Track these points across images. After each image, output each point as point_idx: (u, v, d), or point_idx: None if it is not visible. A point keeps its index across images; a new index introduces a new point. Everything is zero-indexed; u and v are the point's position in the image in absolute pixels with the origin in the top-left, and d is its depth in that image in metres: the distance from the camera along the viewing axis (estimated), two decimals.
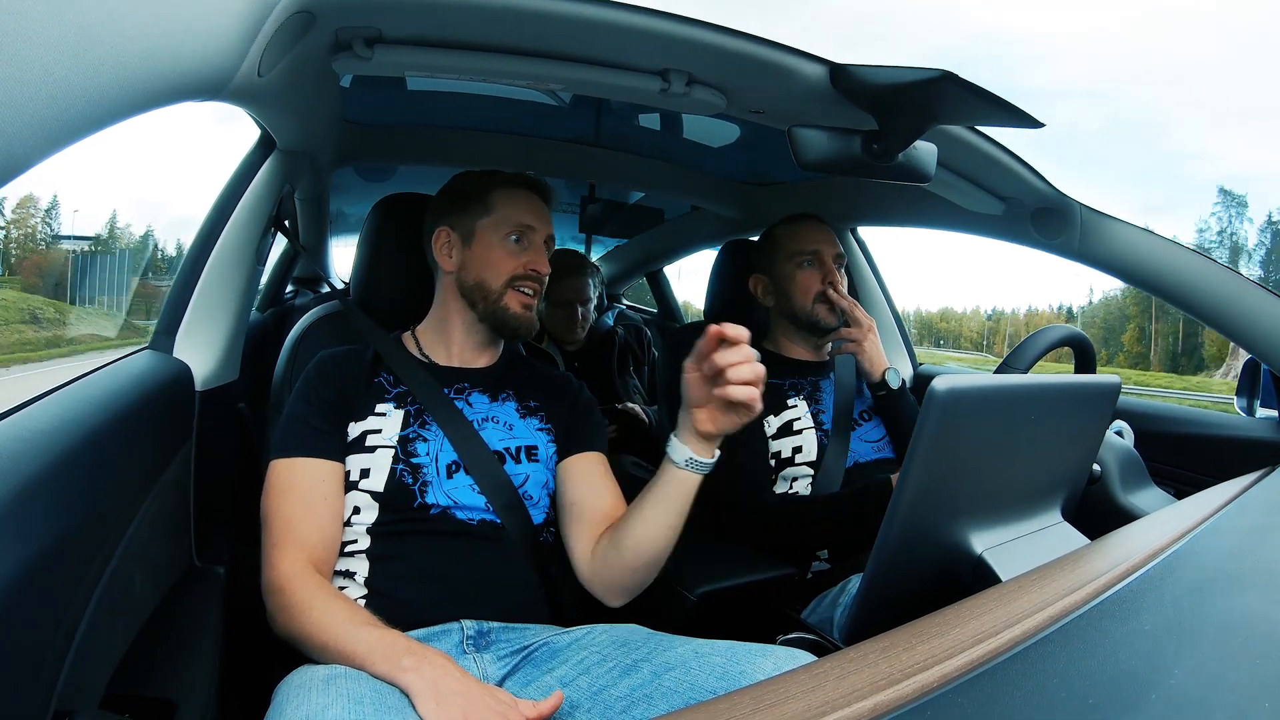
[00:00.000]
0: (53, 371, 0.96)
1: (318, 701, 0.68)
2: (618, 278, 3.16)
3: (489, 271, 1.06)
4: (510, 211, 1.07)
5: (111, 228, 43.35)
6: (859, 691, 0.46)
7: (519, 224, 1.07)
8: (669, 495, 0.93)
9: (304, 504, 0.93)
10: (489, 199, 1.08)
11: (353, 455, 0.99)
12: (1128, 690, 0.47)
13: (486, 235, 1.07)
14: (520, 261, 1.06)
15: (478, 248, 1.07)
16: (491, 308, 1.07)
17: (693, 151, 1.90)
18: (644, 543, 0.94)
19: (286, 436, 0.97)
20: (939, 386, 0.63)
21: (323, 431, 0.98)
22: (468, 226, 1.08)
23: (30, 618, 0.53)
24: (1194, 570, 0.70)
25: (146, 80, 0.48)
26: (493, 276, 1.06)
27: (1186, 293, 1.26)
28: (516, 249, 1.07)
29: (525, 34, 0.88)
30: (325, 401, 1.00)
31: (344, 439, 0.99)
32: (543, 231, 1.09)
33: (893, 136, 0.96)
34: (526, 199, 1.09)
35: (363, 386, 1.03)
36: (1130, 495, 1.22)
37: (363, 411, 1.01)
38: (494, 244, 1.07)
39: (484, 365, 1.12)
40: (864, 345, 1.40)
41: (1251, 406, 1.43)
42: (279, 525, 0.92)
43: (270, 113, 0.98)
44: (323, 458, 0.96)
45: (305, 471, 0.95)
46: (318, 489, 0.95)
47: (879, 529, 0.68)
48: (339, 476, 0.97)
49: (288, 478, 0.95)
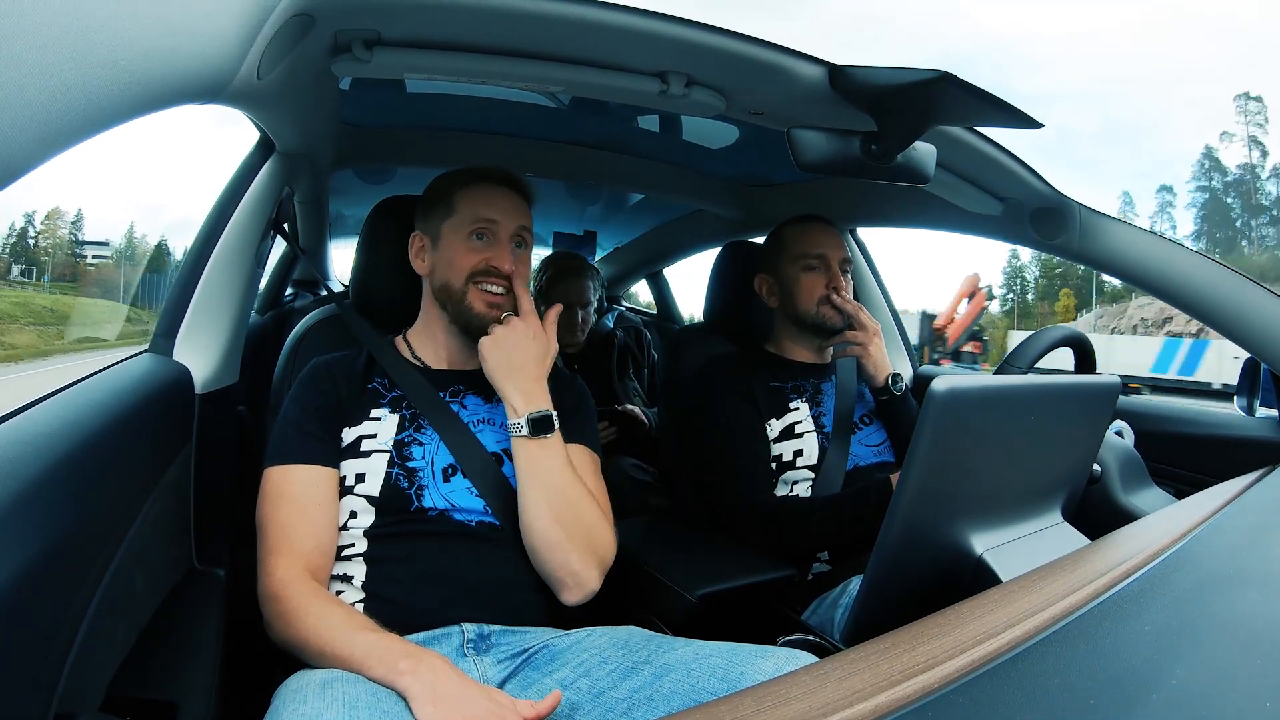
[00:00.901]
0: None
1: (314, 705, 0.68)
2: (618, 280, 3.16)
3: (450, 271, 1.05)
4: (471, 208, 1.06)
5: (130, 237, 44.95)
6: (860, 693, 0.46)
7: (479, 219, 1.05)
8: (519, 467, 0.96)
9: (298, 511, 0.93)
10: (452, 199, 1.07)
11: (348, 460, 0.98)
12: (1129, 690, 0.47)
13: (450, 235, 1.06)
14: (480, 258, 1.04)
15: (443, 249, 1.07)
16: (458, 308, 1.05)
17: (692, 153, 1.90)
18: (526, 523, 0.97)
19: (280, 443, 0.98)
20: (939, 387, 0.63)
21: (316, 438, 0.98)
22: (435, 229, 1.08)
23: (31, 620, 0.53)
24: (1195, 570, 0.70)
25: (146, 83, 0.48)
26: (454, 276, 1.05)
27: (1186, 292, 1.26)
28: (479, 245, 1.05)
29: (524, 36, 0.88)
30: (318, 408, 1.00)
31: (338, 445, 0.99)
32: (508, 225, 1.06)
33: (892, 137, 0.96)
34: (489, 193, 1.07)
35: (357, 392, 1.03)
36: (1130, 495, 1.21)
37: (357, 417, 1.01)
38: (455, 243, 1.05)
39: (478, 367, 1.12)
40: (869, 349, 1.39)
41: (1251, 406, 1.43)
42: (274, 533, 0.92)
43: (269, 115, 0.98)
44: (317, 464, 0.96)
45: (299, 478, 0.95)
46: (312, 496, 0.95)
47: (879, 530, 0.68)
48: (333, 482, 0.97)
49: (282, 485, 0.95)
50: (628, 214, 2.65)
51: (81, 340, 22.35)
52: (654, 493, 1.92)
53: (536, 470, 0.96)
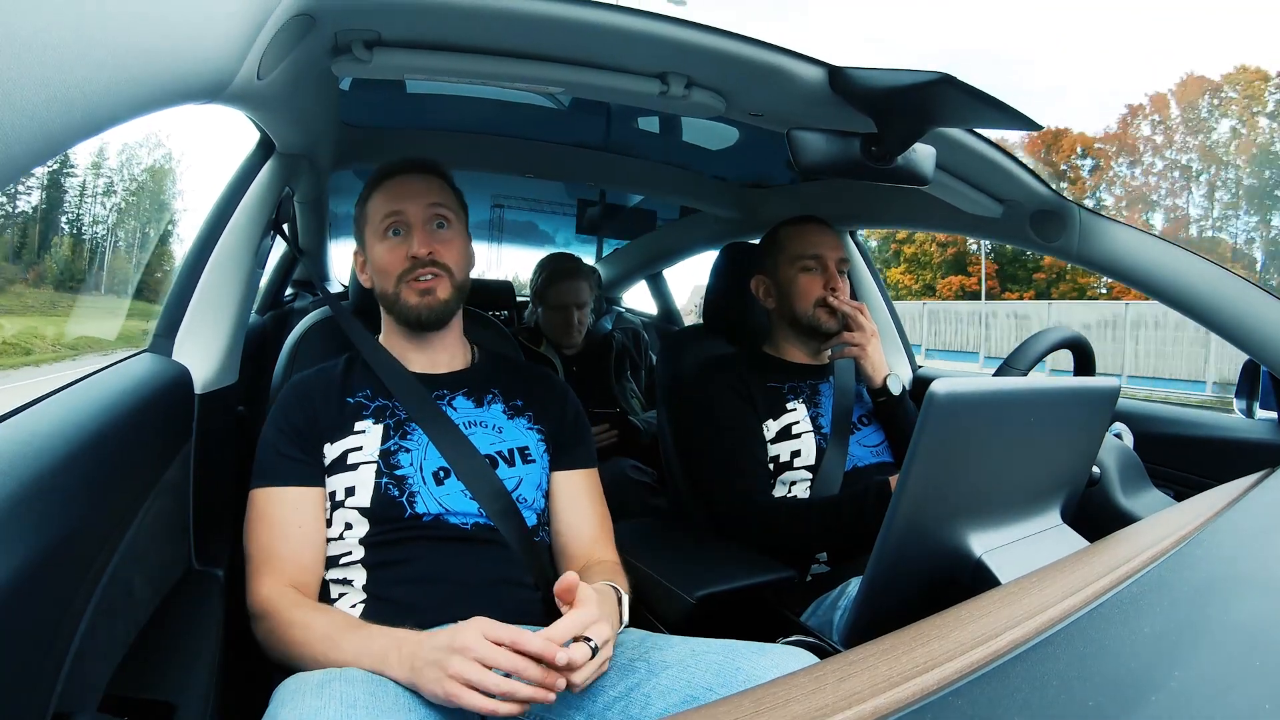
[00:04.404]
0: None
1: (311, 705, 0.68)
2: (617, 281, 3.16)
3: (381, 278, 1.05)
4: (378, 207, 1.05)
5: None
6: (859, 694, 0.46)
7: (386, 215, 1.04)
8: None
9: (279, 534, 0.94)
10: (366, 205, 1.08)
11: (335, 475, 0.98)
12: (1128, 693, 0.47)
13: (372, 242, 1.06)
14: (399, 255, 1.03)
15: (371, 257, 1.07)
16: (396, 309, 1.05)
17: (692, 154, 1.90)
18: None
19: (261, 466, 0.98)
20: (938, 389, 0.63)
21: (295, 459, 0.97)
22: (363, 240, 1.09)
23: (29, 620, 0.52)
24: (1194, 572, 0.70)
25: (146, 83, 0.48)
26: (385, 282, 1.05)
27: (1186, 295, 1.26)
28: (395, 243, 1.04)
29: (524, 37, 0.88)
30: (295, 427, 0.99)
31: (320, 463, 0.99)
32: (418, 209, 1.03)
33: (891, 139, 0.97)
34: (392, 186, 1.06)
35: (336, 407, 1.02)
36: (1130, 498, 1.21)
37: (341, 432, 1.00)
38: (377, 247, 1.05)
39: (457, 368, 1.11)
40: (866, 350, 1.39)
41: (1251, 408, 1.43)
42: (257, 554, 0.93)
43: (269, 115, 0.98)
44: (296, 485, 0.96)
45: (279, 501, 0.95)
46: (292, 518, 0.95)
47: (878, 531, 0.68)
48: (316, 502, 0.97)
49: (264, 508, 0.95)
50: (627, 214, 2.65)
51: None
52: (653, 494, 1.92)
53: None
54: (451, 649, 0.72)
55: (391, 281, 1.04)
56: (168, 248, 7.80)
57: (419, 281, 1.03)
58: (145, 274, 6.63)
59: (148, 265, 6.59)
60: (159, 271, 6.09)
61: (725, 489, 1.34)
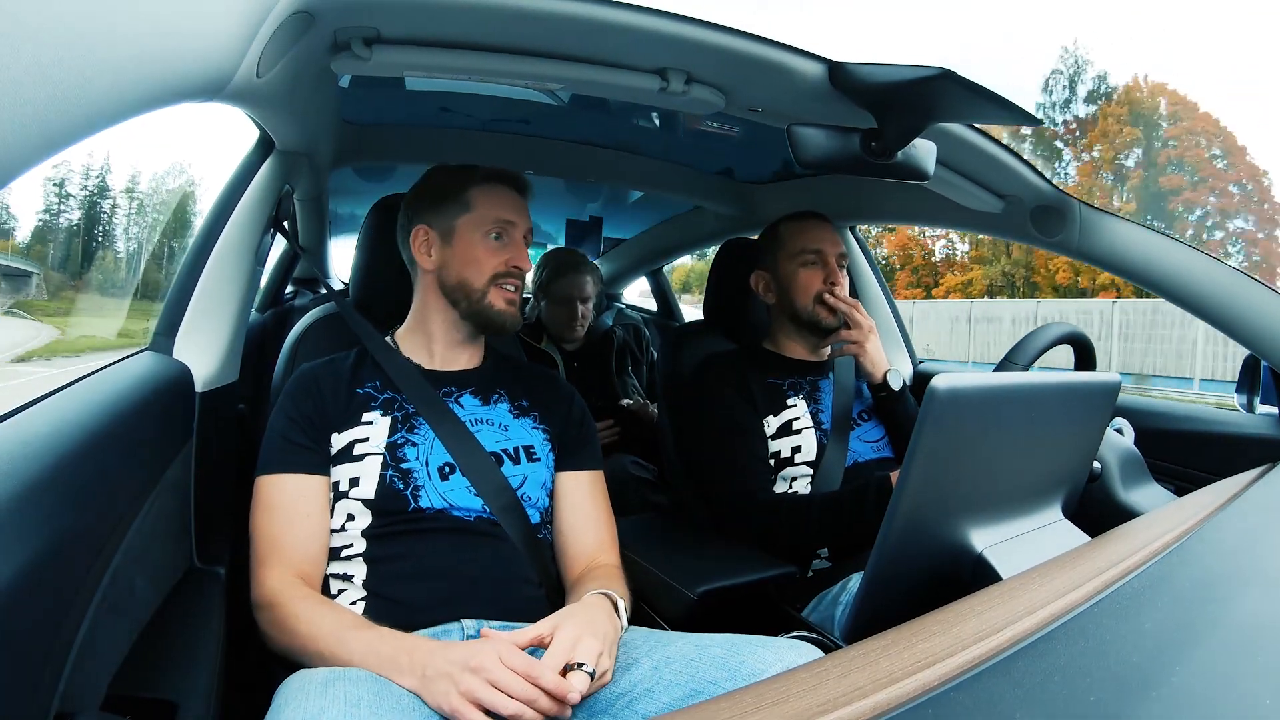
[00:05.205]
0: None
1: (315, 704, 0.68)
2: (618, 277, 3.16)
3: (471, 269, 1.06)
4: (490, 208, 1.07)
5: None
6: (860, 689, 0.46)
7: (499, 220, 1.06)
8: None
9: (286, 521, 0.94)
10: (467, 196, 1.07)
11: (341, 465, 0.98)
12: (1129, 687, 0.47)
13: (467, 233, 1.06)
14: (503, 258, 1.06)
15: (459, 245, 1.07)
16: (476, 306, 1.06)
17: (692, 150, 1.90)
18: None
19: (268, 453, 0.98)
20: (939, 385, 0.63)
21: (303, 447, 0.98)
22: (447, 224, 1.07)
23: (31, 619, 0.53)
24: (1195, 567, 0.70)
25: (145, 82, 0.48)
26: (475, 275, 1.05)
27: (1185, 289, 1.26)
28: (498, 246, 1.06)
29: (523, 33, 0.88)
30: (305, 416, 0.99)
31: (327, 452, 0.99)
32: (522, 226, 1.09)
33: (892, 134, 0.96)
34: (505, 194, 1.08)
35: (345, 397, 1.02)
36: (1131, 493, 1.21)
37: (348, 422, 1.00)
38: (475, 241, 1.06)
39: (468, 367, 1.11)
40: (865, 346, 1.39)
41: (1251, 404, 1.43)
42: (264, 543, 0.93)
43: (269, 113, 0.98)
44: (304, 473, 0.97)
45: (287, 488, 0.96)
46: (299, 506, 0.95)
47: (879, 527, 0.68)
48: (322, 491, 0.97)
49: (270, 495, 0.95)
50: (627, 211, 2.65)
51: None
52: (654, 490, 1.93)
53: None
54: (467, 667, 0.72)
55: (484, 278, 1.05)
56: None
57: (509, 292, 1.06)
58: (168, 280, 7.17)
59: (170, 273, 7.13)
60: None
61: (726, 485, 1.34)
